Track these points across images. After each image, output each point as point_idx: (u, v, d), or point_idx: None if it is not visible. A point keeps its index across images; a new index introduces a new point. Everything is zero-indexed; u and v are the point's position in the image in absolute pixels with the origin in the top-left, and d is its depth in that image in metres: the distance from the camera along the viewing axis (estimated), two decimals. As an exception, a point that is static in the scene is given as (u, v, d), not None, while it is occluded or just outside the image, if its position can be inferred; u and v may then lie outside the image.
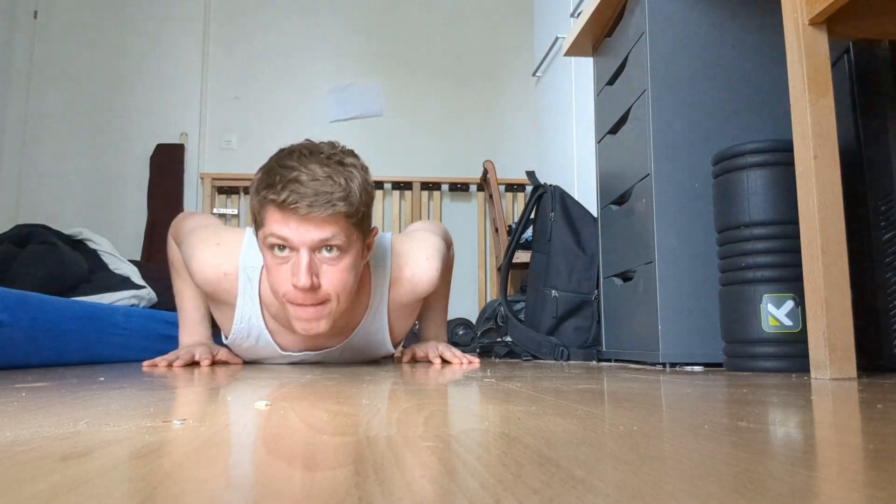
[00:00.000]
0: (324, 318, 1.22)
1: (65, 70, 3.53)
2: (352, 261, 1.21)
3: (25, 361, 1.34)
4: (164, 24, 3.63)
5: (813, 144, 0.96)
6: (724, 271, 1.24)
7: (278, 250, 1.17)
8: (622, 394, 0.70)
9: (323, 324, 1.23)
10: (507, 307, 2.12)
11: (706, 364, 1.33)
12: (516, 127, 3.77)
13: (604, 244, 1.72)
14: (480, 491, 0.26)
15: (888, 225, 1.14)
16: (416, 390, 0.76)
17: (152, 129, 3.52)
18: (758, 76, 1.42)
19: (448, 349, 1.55)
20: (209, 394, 0.72)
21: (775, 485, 0.27)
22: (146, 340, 1.75)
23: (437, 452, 0.34)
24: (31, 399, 0.64)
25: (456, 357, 1.51)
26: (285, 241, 1.15)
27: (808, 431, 0.43)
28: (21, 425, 0.45)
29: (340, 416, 0.50)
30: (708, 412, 0.53)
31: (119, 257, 2.22)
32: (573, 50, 1.86)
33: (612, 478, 0.28)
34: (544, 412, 0.52)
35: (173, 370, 1.24)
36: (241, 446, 0.37)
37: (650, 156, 1.39)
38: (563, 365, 1.54)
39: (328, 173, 1.14)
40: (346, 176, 1.16)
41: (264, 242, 1.19)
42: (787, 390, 0.74)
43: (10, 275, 1.85)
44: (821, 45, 0.99)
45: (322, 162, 1.15)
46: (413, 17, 3.81)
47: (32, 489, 0.26)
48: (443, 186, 3.61)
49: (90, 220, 3.26)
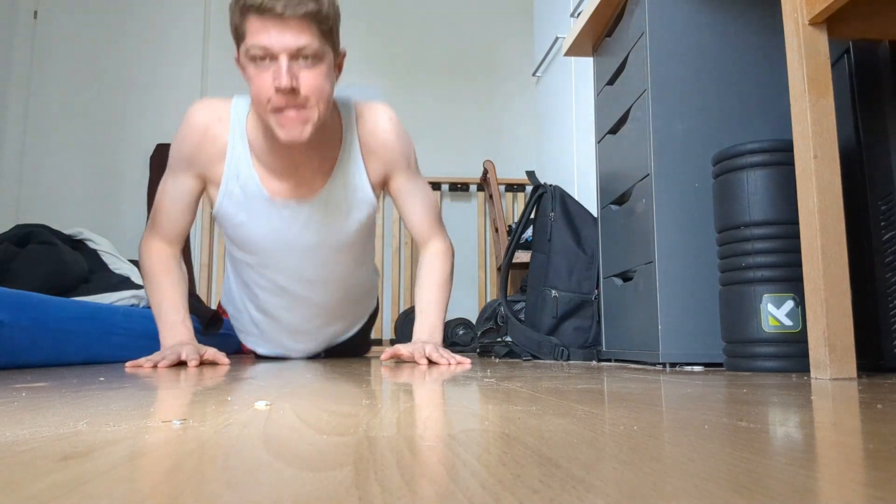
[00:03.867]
0: (306, 122, 1.34)
1: (65, 70, 3.53)
2: (326, 69, 1.34)
3: (25, 361, 1.34)
4: (163, 25, 3.63)
5: (813, 144, 0.96)
6: (724, 271, 1.24)
7: (260, 61, 1.29)
8: (622, 394, 0.70)
9: (308, 128, 1.34)
10: (507, 307, 2.12)
11: (706, 364, 1.33)
12: (516, 127, 3.77)
13: (604, 244, 1.72)
14: (480, 491, 0.26)
15: (888, 225, 1.14)
16: (415, 390, 0.76)
17: (152, 129, 3.52)
18: (758, 76, 1.42)
19: (436, 350, 1.45)
20: (209, 394, 0.72)
21: (775, 485, 0.27)
22: (146, 340, 1.75)
23: (437, 452, 0.34)
24: (31, 399, 0.64)
25: (444, 358, 1.41)
26: (266, 49, 1.27)
27: (808, 431, 0.43)
28: (21, 425, 0.45)
29: (340, 416, 0.50)
30: (708, 412, 0.53)
31: (119, 257, 2.22)
32: (573, 50, 1.86)
33: (612, 478, 0.28)
34: (544, 412, 0.52)
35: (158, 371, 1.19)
36: (241, 446, 0.37)
37: (650, 156, 1.39)
38: (563, 365, 1.54)
39: None
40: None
41: (246, 55, 1.30)
42: (787, 390, 0.74)
43: (10, 275, 1.85)
44: (821, 45, 0.99)
45: None
46: (413, 16, 3.81)
47: (32, 489, 0.26)
48: (443, 186, 3.61)
49: (90, 220, 3.26)
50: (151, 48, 3.60)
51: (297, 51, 1.28)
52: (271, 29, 1.27)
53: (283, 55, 1.28)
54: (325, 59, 1.34)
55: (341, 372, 1.16)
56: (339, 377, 0.99)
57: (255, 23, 1.27)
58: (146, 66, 3.58)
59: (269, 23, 1.26)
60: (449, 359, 1.42)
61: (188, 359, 1.35)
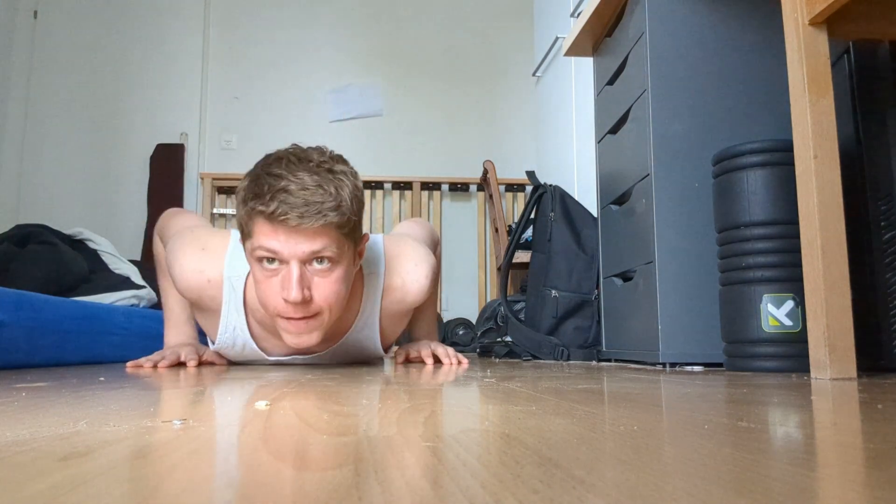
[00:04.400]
0: (315, 330, 1.19)
1: (65, 70, 3.53)
2: (344, 271, 1.17)
3: (25, 361, 1.34)
4: (164, 24, 3.63)
5: (813, 144, 0.96)
6: (724, 271, 1.24)
7: (267, 263, 1.13)
8: (622, 394, 0.70)
9: (315, 336, 1.20)
10: (507, 307, 2.12)
11: (706, 364, 1.33)
12: (516, 127, 3.77)
13: (604, 244, 1.72)
14: (480, 491, 0.26)
15: (888, 225, 1.14)
16: (415, 390, 0.76)
17: (152, 129, 3.52)
18: (758, 76, 1.42)
19: (440, 346, 1.54)
20: (209, 394, 0.72)
21: (775, 485, 0.27)
22: (146, 340, 1.75)
23: (437, 452, 0.34)
24: (31, 399, 0.64)
25: (447, 356, 1.49)
26: (275, 254, 1.12)
27: (808, 431, 0.43)
28: (21, 425, 0.45)
29: (340, 416, 0.50)
30: (708, 412, 0.53)
31: (119, 257, 2.22)
32: (573, 50, 1.86)
33: (612, 478, 0.28)
34: (544, 412, 0.52)
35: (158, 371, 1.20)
36: (241, 446, 0.37)
37: (650, 156, 1.39)
38: (563, 365, 1.54)
39: (318, 182, 1.10)
40: (336, 184, 1.12)
41: (252, 255, 1.14)
42: (787, 390, 0.74)
43: (10, 275, 1.85)
44: (821, 45, 0.99)
45: (311, 170, 1.11)
46: (413, 16, 3.81)
47: (32, 489, 0.26)
48: (443, 186, 3.61)
49: (90, 220, 3.26)
50: (151, 48, 3.60)
51: (312, 254, 1.12)
52: (281, 234, 1.10)
53: (294, 262, 1.12)
54: (343, 261, 1.17)
55: (341, 372, 1.16)
56: (339, 377, 0.99)
57: (264, 227, 1.11)
58: (146, 66, 3.58)
59: (281, 230, 1.10)
60: (452, 358, 1.49)
61: (187, 359, 1.36)
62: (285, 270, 1.12)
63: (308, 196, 1.09)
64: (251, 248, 1.14)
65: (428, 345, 1.55)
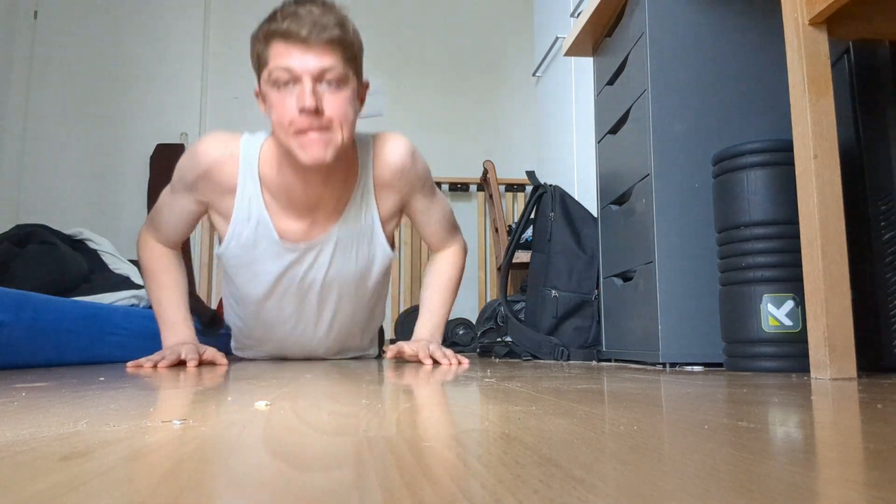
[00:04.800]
0: (329, 145, 1.30)
1: (65, 70, 3.53)
2: (351, 94, 1.33)
3: (25, 361, 1.34)
4: (164, 24, 3.63)
5: (813, 144, 0.96)
6: (724, 271, 1.24)
7: (283, 86, 1.28)
8: (622, 394, 0.70)
9: (330, 151, 1.31)
10: (507, 307, 2.12)
11: (706, 364, 1.33)
12: (516, 127, 3.77)
13: (604, 244, 1.72)
14: (480, 491, 0.26)
15: (888, 225, 1.14)
16: (415, 390, 0.76)
17: (152, 129, 3.51)
18: (758, 76, 1.42)
19: (439, 349, 1.50)
20: (209, 394, 0.72)
21: (775, 485, 0.27)
22: (146, 340, 1.75)
23: (437, 452, 0.34)
24: (31, 399, 0.64)
25: (446, 358, 1.46)
26: (289, 71, 1.26)
27: (808, 431, 0.43)
28: (21, 425, 0.45)
29: (340, 416, 0.50)
30: (708, 412, 0.53)
31: (119, 257, 2.21)
32: (573, 50, 1.86)
33: (612, 478, 0.28)
34: (544, 412, 0.52)
35: (159, 371, 1.21)
36: (241, 446, 0.37)
37: (650, 156, 1.39)
38: (563, 365, 1.54)
39: (324, 10, 1.29)
40: (340, 15, 1.32)
41: (269, 80, 1.29)
42: (787, 390, 0.74)
43: (10, 275, 1.85)
44: (821, 45, 0.99)
45: (318, 4, 1.30)
46: (413, 16, 3.81)
47: (32, 489, 0.26)
48: (443, 186, 3.61)
49: (90, 219, 3.25)
50: (151, 48, 3.60)
51: (321, 73, 1.27)
52: (295, 52, 1.27)
53: (306, 77, 1.27)
54: (349, 84, 1.32)
55: (341, 372, 1.16)
56: (339, 377, 0.99)
57: (279, 47, 1.27)
58: (146, 66, 3.58)
59: (294, 47, 1.26)
60: (451, 359, 1.47)
61: (188, 359, 1.36)
62: (299, 88, 1.27)
63: (316, 17, 1.27)
64: (267, 74, 1.29)
65: (427, 346, 1.51)
